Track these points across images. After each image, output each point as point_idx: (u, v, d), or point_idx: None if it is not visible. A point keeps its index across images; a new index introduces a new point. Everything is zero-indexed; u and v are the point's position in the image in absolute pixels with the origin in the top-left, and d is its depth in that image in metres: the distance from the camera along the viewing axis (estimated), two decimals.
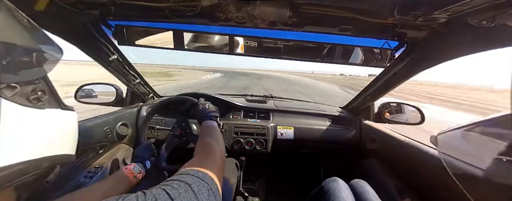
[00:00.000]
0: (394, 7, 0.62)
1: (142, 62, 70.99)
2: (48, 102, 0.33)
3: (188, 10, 0.74)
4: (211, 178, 0.42)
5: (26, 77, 0.30)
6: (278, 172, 1.85)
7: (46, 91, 0.33)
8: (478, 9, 0.54)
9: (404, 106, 1.43)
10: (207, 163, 0.48)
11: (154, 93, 1.57)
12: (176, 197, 0.33)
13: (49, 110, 0.33)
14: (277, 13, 0.69)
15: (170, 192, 0.34)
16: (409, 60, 0.90)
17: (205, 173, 0.42)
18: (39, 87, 0.32)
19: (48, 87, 0.34)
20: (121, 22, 0.90)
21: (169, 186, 0.35)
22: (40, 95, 0.31)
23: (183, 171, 0.42)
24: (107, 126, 1.09)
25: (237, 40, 0.93)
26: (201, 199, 0.36)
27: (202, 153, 0.57)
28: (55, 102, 0.35)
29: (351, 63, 0.96)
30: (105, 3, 0.74)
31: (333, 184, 0.88)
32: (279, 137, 1.34)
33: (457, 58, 0.76)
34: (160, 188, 0.35)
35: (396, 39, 0.86)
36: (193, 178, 0.39)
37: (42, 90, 0.32)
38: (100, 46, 0.97)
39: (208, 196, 0.37)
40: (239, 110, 1.44)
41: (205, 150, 0.58)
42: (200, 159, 0.53)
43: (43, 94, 0.32)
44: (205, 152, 0.56)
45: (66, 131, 0.37)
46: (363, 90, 1.31)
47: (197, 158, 0.53)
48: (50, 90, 0.34)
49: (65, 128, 0.37)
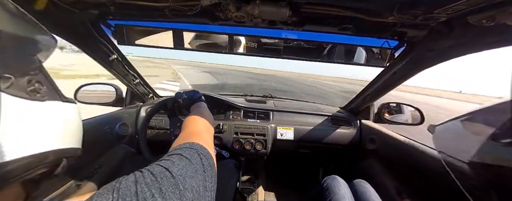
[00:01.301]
0: (394, 6, 0.62)
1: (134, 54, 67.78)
2: (47, 94, 0.32)
3: (188, 9, 0.74)
4: (199, 145, 0.43)
5: (19, 67, 0.29)
6: (278, 173, 1.85)
7: (43, 83, 0.32)
8: (478, 8, 0.54)
9: (403, 106, 1.43)
10: (191, 136, 0.50)
11: (154, 93, 1.57)
12: (170, 166, 0.34)
13: (50, 102, 0.32)
14: (276, 12, 0.69)
15: (164, 164, 0.34)
16: (409, 59, 0.89)
17: (191, 142, 0.43)
18: (35, 79, 0.30)
19: (45, 79, 0.33)
20: (121, 21, 0.90)
21: (162, 161, 0.36)
22: (37, 87, 0.30)
23: (171, 149, 0.42)
24: (107, 126, 1.09)
25: (236, 40, 0.94)
26: (195, 162, 0.37)
27: (185, 130, 0.57)
28: (54, 94, 0.34)
29: (351, 62, 0.96)
30: (104, 3, 0.74)
31: (332, 181, 0.88)
32: (279, 137, 1.34)
33: (457, 57, 0.77)
34: (154, 164, 0.35)
35: (396, 38, 0.86)
36: (181, 149, 0.40)
37: (38, 81, 0.31)
38: (100, 46, 0.97)
39: (200, 160, 0.39)
40: (239, 110, 1.43)
41: (188, 127, 0.58)
42: (184, 135, 0.53)
43: (41, 86, 0.31)
44: (188, 129, 0.57)
45: (68, 123, 0.36)
46: (363, 90, 1.31)
47: (180, 136, 0.53)
48: (48, 82, 0.33)
49: (67, 120, 0.36)
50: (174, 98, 0.90)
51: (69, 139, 0.35)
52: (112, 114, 1.21)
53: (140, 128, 1.05)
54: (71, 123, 0.37)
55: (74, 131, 0.37)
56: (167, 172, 0.33)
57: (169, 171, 0.33)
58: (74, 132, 0.37)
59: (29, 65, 0.30)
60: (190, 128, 0.57)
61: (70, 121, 0.36)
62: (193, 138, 0.47)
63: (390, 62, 0.96)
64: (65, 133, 0.35)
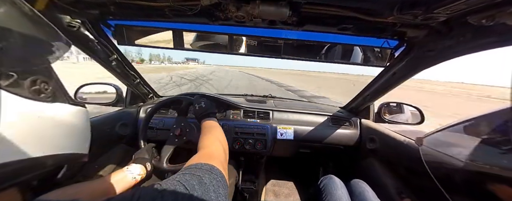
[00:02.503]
0: (394, 6, 0.62)
1: None
2: (52, 95, 0.30)
3: (188, 9, 0.74)
4: (218, 170, 0.43)
5: (25, 66, 0.28)
6: (278, 173, 1.85)
7: (50, 83, 0.30)
8: (477, 8, 0.54)
9: (403, 106, 1.43)
10: (211, 158, 0.49)
11: (154, 93, 1.57)
12: (191, 189, 0.34)
13: (55, 104, 0.30)
14: (276, 12, 0.69)
15: (185, 183, 0.34)
16: (409, 59, 0.89)
17: (211, 165, 0.43)
18: (41, 79, 0.29)
19: (53, 80, 0.31)
20: (121, 21, 0.90)
21: (183, 178, 0.36)
22: (42, 87, 0.29)
23: (191, 166, 0.42)
24: (107, 126, 1.09)
25: (236, 40, 0.94)
26: (214, 190, 0.37)
27: (206, 149, 0.58)
28: (61, 96, 0.32)
29: (351, 62, 0.96)
30: (104, 3, 0.74)
31: (329, 182, 0.88)
32: (279, 137, 1.34)
33: (457, 57, 0.77)
34: (175, 180, 0.35)
35: (396, 38, 0.86)
36: (202, 171, 0.40)
37: (44, 81, 0.29)
38: (100, 46, 0.97)
39: (218, 187, 0.38)
40: (239, 110, 1.43)
41: (208, 146, 0.59)
42: (204, 154, 0.54)
43: (46, 86, 0.29)
44: (209, 148, 0.57)
45: (74, 127, 0.34)
46: (363, 90, 1.31)
47: (201, 153, 0.54)
48: (55, 83, 0.32)
49: (73, 124, 0.33)
50: (191, 101, 0.93)
51: (73, 144, 0.33)
52: (112, 114, 1.22)
53: (146, 117, 1.06)
54: (77, 127, 0.35)
55: (80, 136, 0.35)
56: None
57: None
58: (80, 137, 0.35)
59: (36, 65, 0.29)
60: (210, 149, 0.57)
61: (76, 125, 0.34)
62: (213, 158, 0.49)
63: (390, 62, 0.96)
64: (69, 138, 0.33)
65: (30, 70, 0.28)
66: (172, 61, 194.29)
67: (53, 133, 0.29)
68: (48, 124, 0.29)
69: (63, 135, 0.31)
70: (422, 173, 0.78)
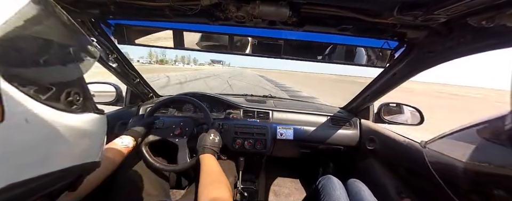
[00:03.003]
0: (394, 7, 0.62)
1: None
2: (82, 106, 0.30)
3: (188, 9, 0.74)
4: None
5: (62, 78, 0.27)
6: (278, 172, 1.85)
7: (81, 94, 0.30)
8: (478, 10, 0.54)
9: (403, 106, 1.43)
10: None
11: (154, 92, 1.57)
12: None
13: (83, 115, 0.30)
14: (276, 12, 0.69)
15: None
16: (409, 60, 0.89)
17: None
18: (74, 90, 0.29)
19: (84, 91, 0.31)
20: (121, 21, 0.90)
21: None
22: (74, 98, 0.29)
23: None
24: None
25: (236, 40, 0.94)
26: None
27: (208, 191, 0.63)
28: (88, 105, 0.32)
29: (351, 63, 0.96)
30: (105, 2, 0.74)
31: (327, 183, 0.88)
32: (278, 137, 1.34)
33: (457, 59, 0.77)
34: None
35: (396, 39, 0.86)
36: None
37: (77, 92, 0.29)
38: (100, 46, 0.97)
39: None
40: (239, 110, 1.44)
41: (213, 192, 0.62)
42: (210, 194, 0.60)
43: (78, 97, 0.29)
44: (214, 194, 0.61)
45: (96, 136, 0.34)
46: (363, 90, 1.31)
47: (208, 192, 0.61)
48: (86, 93, 0.31)
49: (96, 132, 0.33)
50: (210, 122, 1.02)
51: (94, 153, 0.33)
52: (112, 113, 1.22)
53: (149, 113, 1.07)
54: (99, 136, 0.35)
55: (99, 143, 0.36)
56: None
57: None
58: (99, 145, 0.35)
59: (72, 76, 0.29)
60: (215, 194, 0.61)
61: (98, 133, 0.34)
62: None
63: (390, 63, 0.96)
64: (92, 147, 0.33)
65: (67, 82, 0.28)
66: (198, 63, 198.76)
67: (80, 143, 0.30)
68: (77, 135, 0.29)
69: (88, 144, 0.31)
70: (425, 174, 0.78)
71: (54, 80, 0.26)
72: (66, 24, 0.29)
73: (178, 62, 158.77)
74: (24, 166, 0.22)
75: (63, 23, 0.28)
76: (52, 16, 0.26)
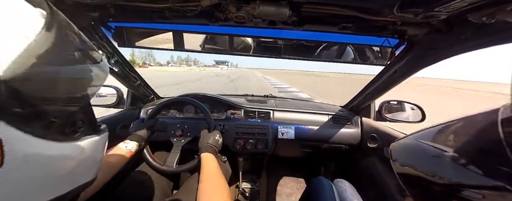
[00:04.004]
0: (394, 4, 0.62)
1: None
2: (84, 131, 0.29)
3: (188, 10, 0.74)
4: None
5: (67, 107, 0.26)
6: (279, 172, 1.85)
7: (85, 121, 0.29)
8: (478, 6, 0.54)
9: (404, 104, 1.43)
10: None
11: (155, 94, 1.57)
12: None
13: (84, 141, 0.28)
14: (276, 12, 0.69)
15: None
16: (410, 57, 0.89)
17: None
18: (79, 117, 0.28)
19: (87, 115, 0.30)
20: (121, 23, 0.90)
21: None
22: (78, 126, 0.27)
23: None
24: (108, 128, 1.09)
25: (237, 40, 0.94)
26: None
27: (211, 190, 0.64)
28: (91, 130, 0.31)
29: (351, 61, 0.96)
30: (104, 5, 0.74)
31: (316, 185, 0.88)
32: (280, 136, 1.34)
33: (457, 55, 0.76)
34: None
35: (396, 37, 0.86)
36: None
37: (81, 119, 0.28)
38: (100, 48, 0.97)
39: None
40: (240, 110, 1.44)
41: (214, 192, 0.63)
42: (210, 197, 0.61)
43: (81, 124, 0.28)
44: (215, 188, 0.64)
45: (96, 155, 0.32)
46: (364, 89, 1.31)
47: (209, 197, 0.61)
48: (89, 118, 0.30)
49: (96, 152, 0.32)
50: (212, 126, 1.00)
51: (91, 172, 0.32)
52: (113, 116, 1.22)
53: (150, 114, 1.07)
54: (97, 156, 0.34)
55: (98, 164, 0.34)
56: None
57: None
58: (97, 165, 0.34)
59: (78, 102, 0.27)
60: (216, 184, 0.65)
61: (96, 154, 0.33)
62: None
63: (390, 61, 0.96)
64: (90, 167, 0.32)
65: (72, 111, 0.27)
66: (200, 64, 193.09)
67: (78, 169, 0.29)
68: (76, 162, 0.28)
69: (86, 167, 0.31)
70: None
71: (59, 114, 0.24)
72: (77, 42, 0.26)
73: (171, 64, 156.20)
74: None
75: (74, 41, 0.26)
76: (64, 33, 0.24)
